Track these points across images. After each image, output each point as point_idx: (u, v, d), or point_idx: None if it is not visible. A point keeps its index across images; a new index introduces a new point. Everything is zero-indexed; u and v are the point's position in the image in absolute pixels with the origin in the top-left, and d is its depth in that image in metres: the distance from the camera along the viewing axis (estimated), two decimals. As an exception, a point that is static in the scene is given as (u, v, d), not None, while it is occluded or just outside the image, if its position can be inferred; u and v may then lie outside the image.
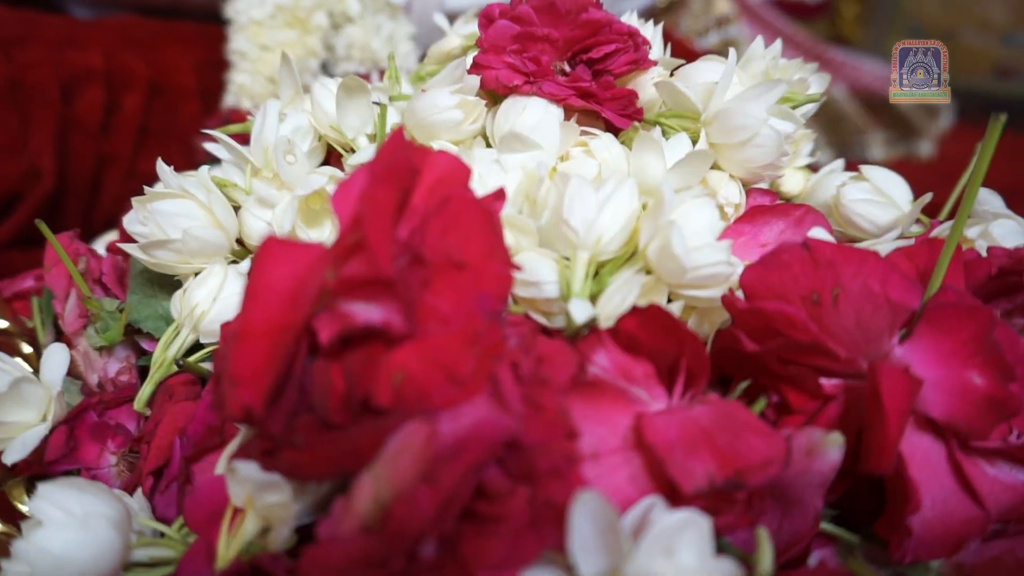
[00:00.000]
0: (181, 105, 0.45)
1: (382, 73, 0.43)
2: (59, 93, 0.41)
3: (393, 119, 0.25)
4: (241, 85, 0.40)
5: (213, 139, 0.26)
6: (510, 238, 0.19)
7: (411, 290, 0.15)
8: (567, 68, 0.23)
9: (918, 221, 0.26)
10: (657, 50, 0.26)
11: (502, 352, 0.15)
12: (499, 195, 0.17)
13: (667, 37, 0.28)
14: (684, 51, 0.67)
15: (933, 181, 0.80)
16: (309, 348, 0.15)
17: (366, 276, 0.14)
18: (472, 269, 0.15)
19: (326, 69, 0.43)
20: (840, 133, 0.87)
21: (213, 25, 0.49)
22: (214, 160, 0.38)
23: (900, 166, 0.84)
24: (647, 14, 0.37)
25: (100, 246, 0.33)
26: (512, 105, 0.22)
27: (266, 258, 0.14)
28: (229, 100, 0.41)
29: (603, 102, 0.23)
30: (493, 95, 0.23)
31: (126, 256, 0.25)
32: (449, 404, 0.14)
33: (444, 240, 0.16)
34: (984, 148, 0.18)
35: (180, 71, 0.46)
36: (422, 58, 0.33)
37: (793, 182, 0.26)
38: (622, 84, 0.24)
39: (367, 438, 0.14)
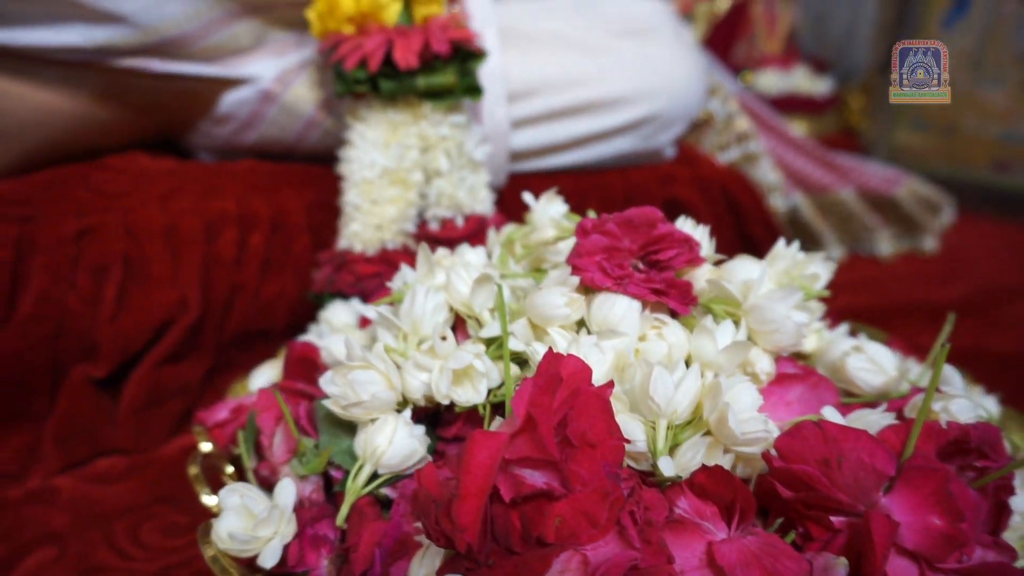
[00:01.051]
0: (295, 239, 0.55)
1: (466, 218, 0.52)
2: (204, 235, 0.51)
3: (506, 295, 0.34)
4: (354, 232, 0.49)
5: (320, 265, 0.34)
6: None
7: (563, 462, 0.23)
8: (640, 265, 0.32)
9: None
10: (706, 248, 0.35)
11: (623, 503, 0.23)
12: (608, 385, 0.26)
13: (693, 152, 0.37)
14: (708, 165, 0.76)
15: (936, 272, 0.88)
16: (493, 498, 0.23)
17: (538, 456, 0.22)
18: (599, 445, 0.24)
19: (420, 213, 0.52)
20: (851, 230, 0.95)
21: (317, 167, 0.58)
22: (321, 288, 0.47)
23: (906, 259, 0.91)
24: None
25: (259, 378, 0.42)
26: (604, 301, 0.30)
27: (473, 445, 0.23)
28: (343, 243, 0.50)
29: (669, 294, 0.31)
30: (587, 288, 0.32)
31: (309, 399, 0.34)
32: (592, 540, 0.22)
33: (578, 425, 0.24)
34: (939, 353, 0.26)
35: (294, 211, 0.55)
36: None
37: (809, 343, 0.34)
38: (680, 275, 0.33)
39: (538, 562, 0.22)
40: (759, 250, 0.76)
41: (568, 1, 0.66)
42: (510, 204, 0.61)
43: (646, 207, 0.32)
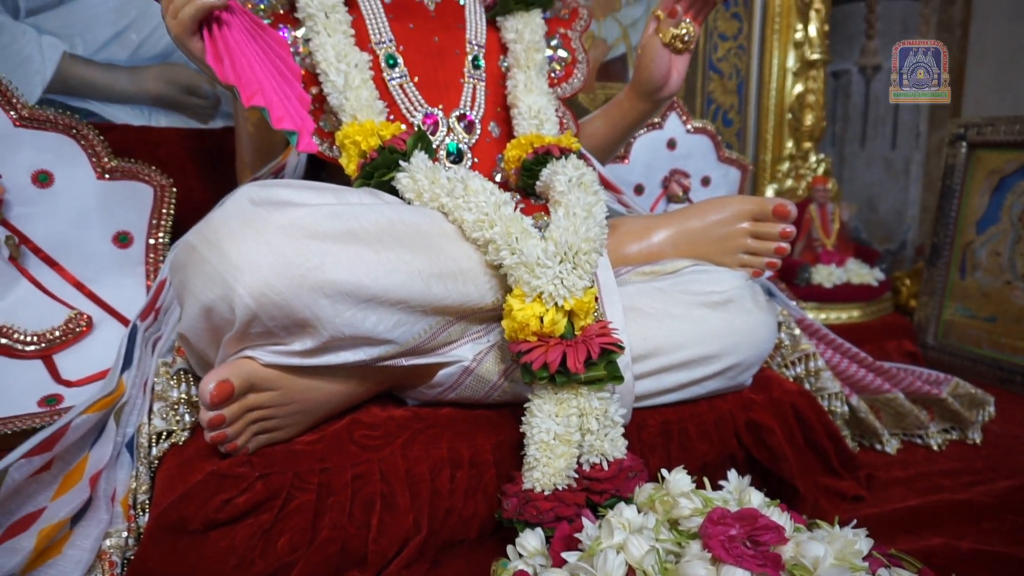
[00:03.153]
0: (485, 472, 0.77)
1: (609, 463, 0.73)
2: (429, 474, 0.74)
3: (662, 554, 0.55)
4: (536, 478, 0.71)
5: (507, 495, 0.56)
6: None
7: None
8: (748, 543, 0.53)
9: None
10: (788, 531, 0.55)
11: None
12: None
13: (767, 375, 0.57)
14: (779, 387, 0.97)
15: (982, 467, 1.06)
16: None
17: None
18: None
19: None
20: (904, 425, 1.13)
21: (498, 413, 0.81)
22: (511, 516, 0.69)
23: (956, 448, 1.10)
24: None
25: None
26: (728, 571, 0.51)
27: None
28: (526, 484, 0.72)
29: (767, 565, 0.52)
30: (714, 559, 0.52)
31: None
32: None
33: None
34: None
35: (484, 450, 0.78)
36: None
37: (858, 591, 0.54)
38: (773, 549, 0.53)
39: None
40: (827, 456, 0.95)
41: (667, 282, 0.89)
42: (630, 432, 0.83)
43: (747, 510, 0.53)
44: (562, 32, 1.14)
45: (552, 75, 1.10)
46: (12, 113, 0.96)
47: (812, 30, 1.80)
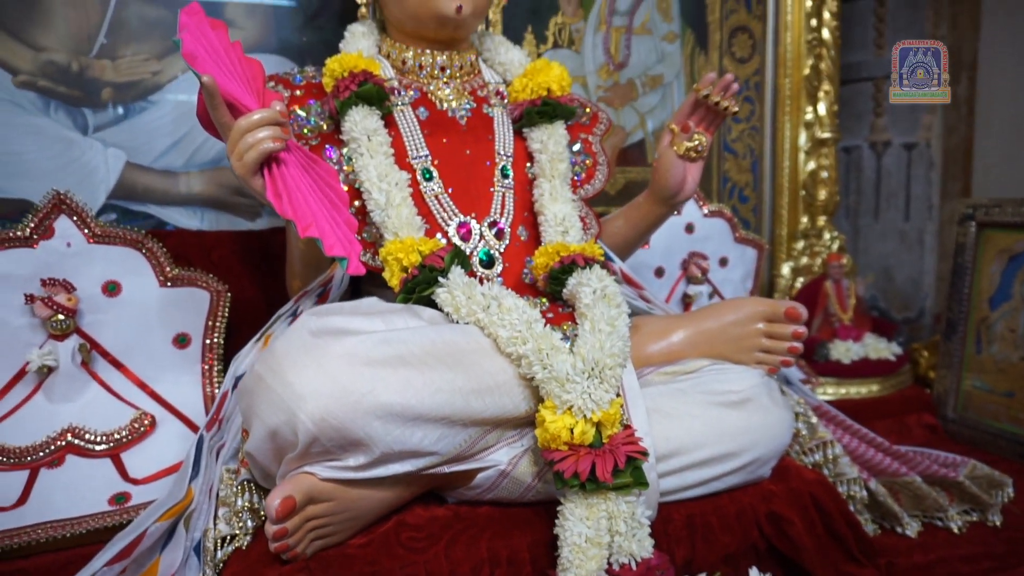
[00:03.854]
0: (521, 570, 0.83)
1: (637, 563, 0.79)
2: (471, 573, 0.80)
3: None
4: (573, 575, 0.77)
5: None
6: None
7: None
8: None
9: None
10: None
11: None
12: None
13: (786, 466, 0.62)
14: (797, 477, 1.01)
15: (1001, 551, 1.10)
16: None
17: None
18: None
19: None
20: (923, 507, 1.16)
21: (532, 510, 0.87)
22: None
23: (976, 530, 1.14)
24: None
25: None
26: None
27: None
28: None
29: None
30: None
31: None
32: None
33: None
34: None
35: (520, 549, 0.83)
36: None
37: None
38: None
39: None
40: (847, 544, 0.99)
41: (688, 383, 0.95)
42: (656, 525, 0.88)
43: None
44: (583, 137, 1.22)
45: (575, 177, 1.18)
46: (87, 231, 1.06)
47: (822, 109, 1.88)
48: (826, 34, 1.87)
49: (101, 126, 1.30)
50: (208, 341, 1.12)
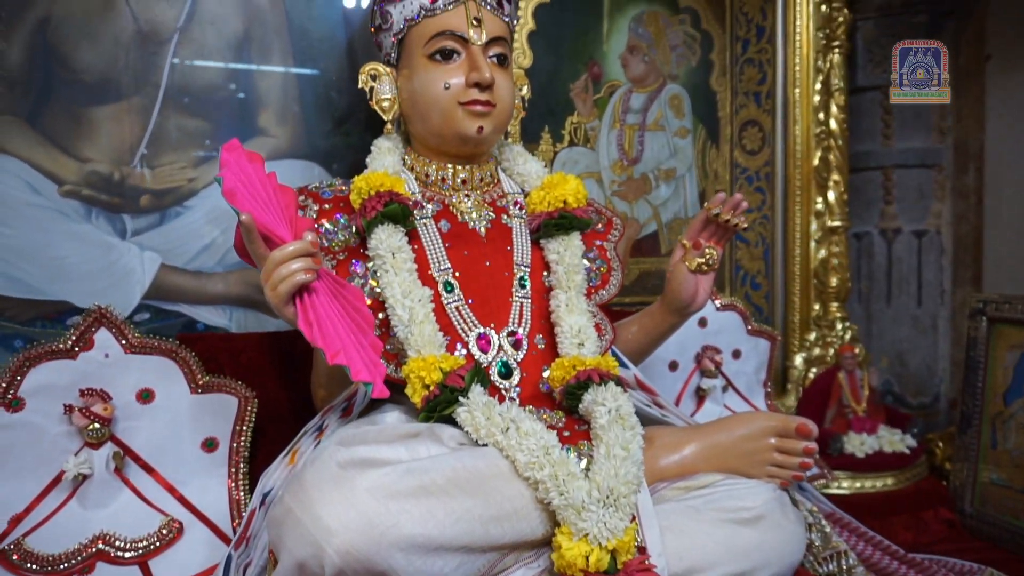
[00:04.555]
0: None
1: None
2: None
3: None
4: None
5: None
6: None
7: None
8: None
9: None
10: None
11: None
12: None
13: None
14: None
15: None
16: None
17: None
18: None
19: None
20: (940, 617, 1.16)
21: None
22: None
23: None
24: None
25: None
26: None
27: None
28: None
29: None
30: None
31: None
32: None
33: None
34: None
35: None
36: None
37: None
38: None
39: None
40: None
41: (701, 499, 0.97)
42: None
43: None
44: (598, 244, 1.27)
45: (590, 284, 1.23)
46: (124, 342, 1.11)
47: (831, 199, 1.93)
48: (834, 126, 1.93)
49: (139, 231, 1.37)
50: (235, 445, 1.16)
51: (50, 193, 1.30)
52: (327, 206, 1.16)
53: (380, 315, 1.07)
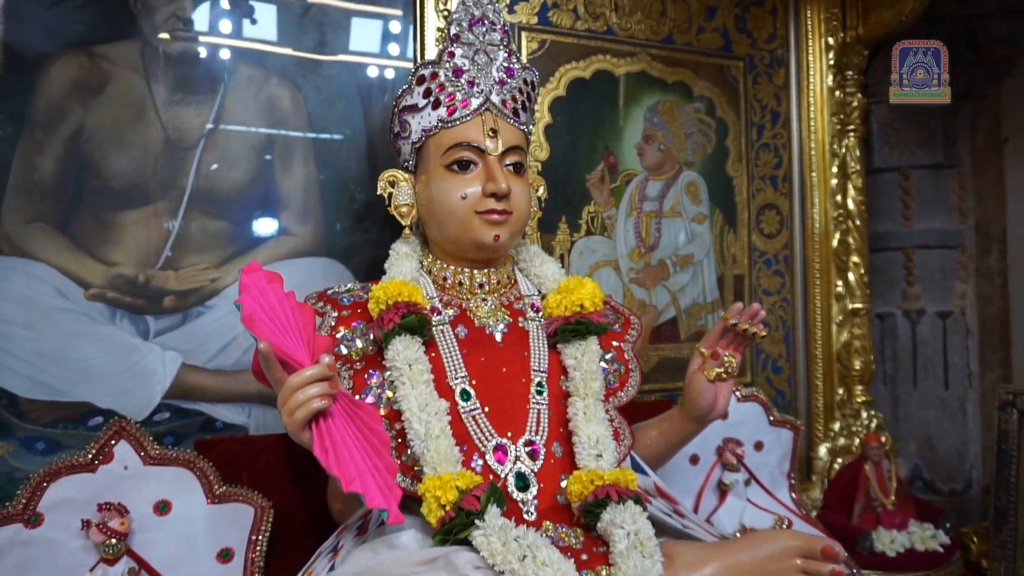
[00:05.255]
0: None
1: None
2: None
3: None
4: None
5: None
6: None
7: None
8: None
9: None
10: None
11: None
12: None
13: None
14: None
15: None
16: None
17: None
18: None
19: None
20: None
21: None
22: None
23: None
24: None
25: None
26: None
27: None
28: None
29: None
30: None
31: None
32: None
33: None
34: None
35: None
36: None
37: None
38: None
39: None
40: None
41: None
42: None
43: None
44: (616, 345, 1.26)
45: (608, 386, 1.22)
46: (143, 454, 1.12)
47: (852, 280, 1.91)
48: (852, 208, 1.93)
49: (161, 331, 1.39)
50: (251, 555, 1.15)
51: (76, 296, 1.33)
52: (345, 312, 1.17)
53: (397, 425, 1.07)
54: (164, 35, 1.39)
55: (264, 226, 1.46)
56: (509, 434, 1.11)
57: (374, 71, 1.56)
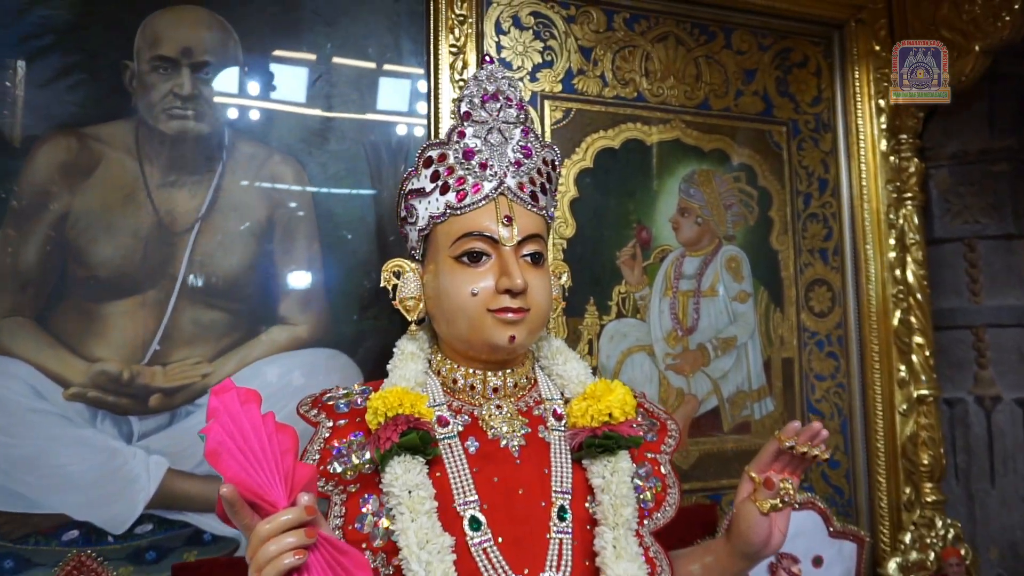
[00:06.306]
0: None
1: None
2: None
3: None
4: None
5: None
6: None
7: None
8: None
9: None
10: None
11: None
12: None
13: None
14: None
15: None
16: None
17: None
18: None
19: None
20: None
21: None
22: None
23: None
24: None
25: None
26: None
27: None
28: None
29: None
30: None
31: None
32: None
33: None
34: None
35: None
36: None
37: None
38: None
39: None
40: None
41: None
42: None
43: None
44: (651, 457, 1.10)
45: (642, 506, 1.05)
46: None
47: (916, 362, 1.72)
48: (912, 282, 1.75)
49: (146, 433, 1.26)
50: None
51: (55, 397, 1.22)
52: (342, 422, 1.03)
53: (394, 561, 0.91)
54: (160, 113, 1.30)
55: (262, 315, 1.34)
56: (526, 571, 0.95)
57: (387, 141, 1.45)
